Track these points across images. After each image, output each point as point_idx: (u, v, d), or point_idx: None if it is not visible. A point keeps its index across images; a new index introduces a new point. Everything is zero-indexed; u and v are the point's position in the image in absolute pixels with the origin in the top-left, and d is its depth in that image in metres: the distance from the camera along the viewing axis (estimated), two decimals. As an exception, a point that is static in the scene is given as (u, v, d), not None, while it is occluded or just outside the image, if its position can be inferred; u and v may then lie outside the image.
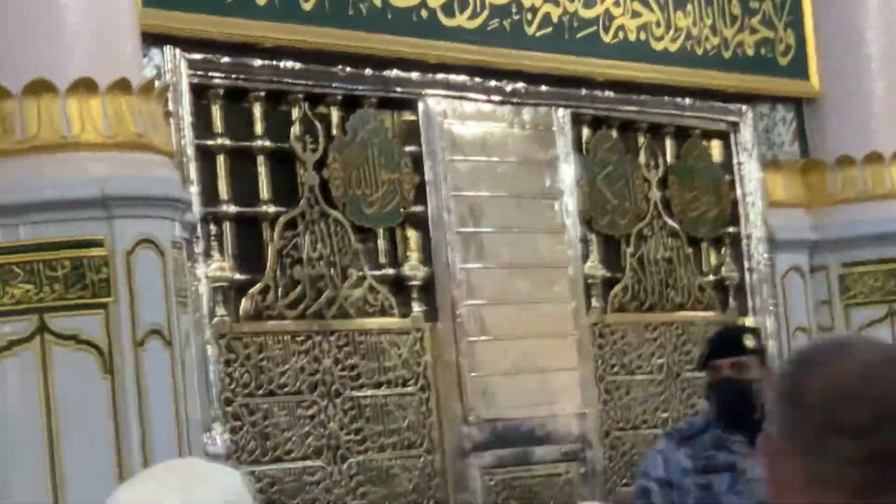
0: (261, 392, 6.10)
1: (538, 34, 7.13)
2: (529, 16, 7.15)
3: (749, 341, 5.61)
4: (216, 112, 6.10)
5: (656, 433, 6.93)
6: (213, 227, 6.00)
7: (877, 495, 0.86)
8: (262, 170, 6.31)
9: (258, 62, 6.26)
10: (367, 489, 6.36)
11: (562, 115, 7.19)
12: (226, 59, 6.12)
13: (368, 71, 6.62)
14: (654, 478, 5.37)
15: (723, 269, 7.36)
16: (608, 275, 7.23)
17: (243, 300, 6.11)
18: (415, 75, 6.76)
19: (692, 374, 7.27)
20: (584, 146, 7.31)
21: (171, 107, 5.71)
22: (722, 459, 5.33)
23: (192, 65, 5.89)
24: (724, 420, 5.29)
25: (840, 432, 0.89)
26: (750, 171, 6.59)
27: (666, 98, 7.62)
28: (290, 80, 6.40)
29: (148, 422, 5.25)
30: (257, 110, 6.25)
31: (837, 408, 0.91)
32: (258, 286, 6.15)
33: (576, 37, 7.27)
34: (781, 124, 6.48)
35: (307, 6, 6.41)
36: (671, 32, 7.50)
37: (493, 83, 7.05)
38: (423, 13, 6.81)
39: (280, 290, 6.34)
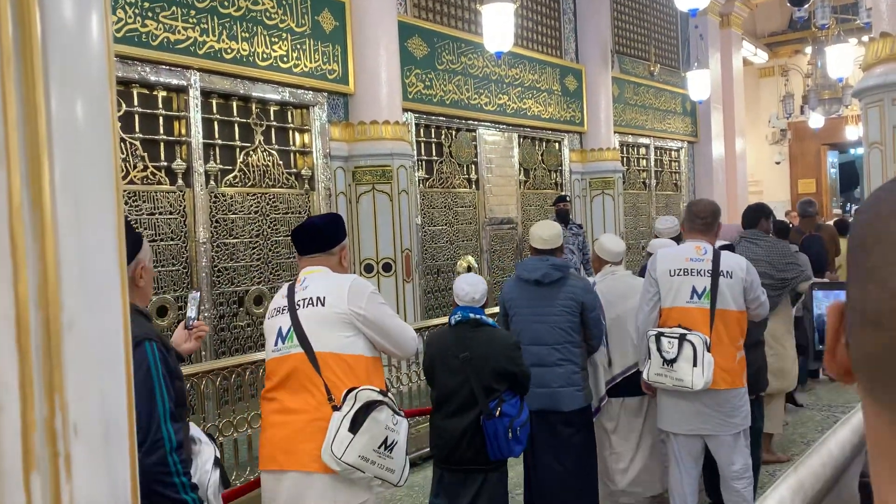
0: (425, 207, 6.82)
1: (508, 111, 7.68)
2: (499, 106, 7.71)
3: (564, 200, 7.11)
4: (419, 130, 6.79)
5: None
6: (418, 164, 6.69)
7: None
8: (432, 146, 6.93)
9: (433, 118, 6.90)
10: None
11: (515, 137, 7.94)
12: (422, 114, 6.74)
13: (462, 120, 7.20)
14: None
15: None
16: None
17: (425, 180, 6.79)
18: (475, 122, 7.36)
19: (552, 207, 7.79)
20: (519, 143, 8.19)
21: (412, 130, 6.47)
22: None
23: (416, 117, 6.63)
24: (560, 221, 6.46)
25: None
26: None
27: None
28: (438, 122, 7.01)
29: (402, 217, 5.91)
30: (433, 130, 6.97)
31: None
32: (429, 179, 6.87)
33: (506, 111, 7.89)
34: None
35: (444, 99, 6.94)
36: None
37: (494, 125, 7.67)
38: (478, 104, 7.31)
39: (434, 176, 6.96)
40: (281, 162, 5.59)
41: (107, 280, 0.63)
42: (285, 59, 5.49)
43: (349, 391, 2.22)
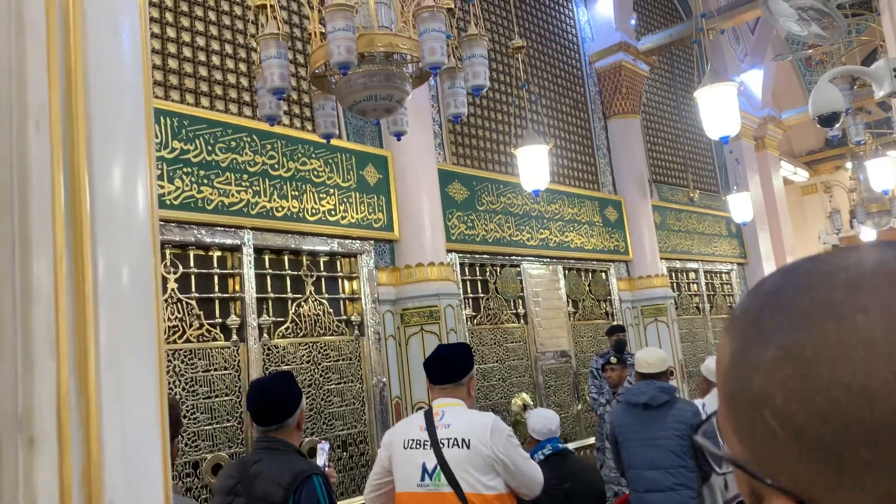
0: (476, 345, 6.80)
1: (551, 245, 7.79)
2: (541, 241, 7.89)
3: (622, 329, 7.07)
4: (464, 269, 6.92)
5: (593, 354, 7.51)
6: (465, 302, 6.71)
7: None
8: (478, 283, 7.04)
9: (477, 256, 7.04)
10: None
11: (560, 269, 7.95)
12: (465, 254, 6.90)
13: (506, 257, 7.36)
14: (594, 367, 6.69)
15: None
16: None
17: (472, 318, 6.82)
18: (518, 258, 7.47)
19: (604, 338, 7.80)
20: (565, 275, 8.22)
21: (457, 269, 6.58)
22: (611, 360, 6.45)
23: (460, 257, 6.77)
24: (615, 351, 6.50)
25: None
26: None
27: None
28: (482, 260, 7.14)
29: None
30: (477, 268, 7.07)
31: None
32: (477, 317, 6.89)
33: (549, 245, 8.04)
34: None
35: (487, 238, 7.08)
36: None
37: (538, 259, 7.80)
38: (520, 240, 7.46)
39: (482, 313, 6.97)
40: (331, 310, 5.66)
41: (148, 456, 0.64)
42: (333, 212, 5.70)
43: None
